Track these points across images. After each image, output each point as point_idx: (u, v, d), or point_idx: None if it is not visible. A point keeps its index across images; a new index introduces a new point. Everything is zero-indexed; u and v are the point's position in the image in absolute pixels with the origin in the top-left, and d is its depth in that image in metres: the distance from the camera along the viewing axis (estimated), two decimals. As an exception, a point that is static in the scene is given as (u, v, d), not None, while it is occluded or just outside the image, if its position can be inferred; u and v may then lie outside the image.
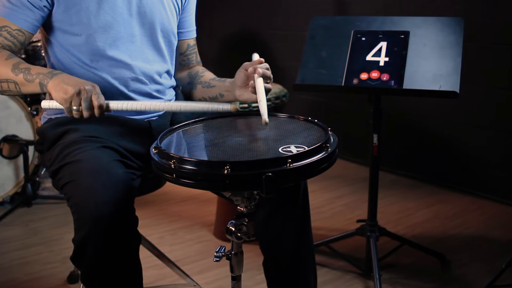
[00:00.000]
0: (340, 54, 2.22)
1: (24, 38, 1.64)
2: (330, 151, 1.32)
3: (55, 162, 1.57)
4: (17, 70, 1.54)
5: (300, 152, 1.26)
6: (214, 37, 5.00)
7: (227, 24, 4.86)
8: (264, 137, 1.45)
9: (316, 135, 1.42)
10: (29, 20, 1.62)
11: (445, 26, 2.15)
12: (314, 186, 3.49)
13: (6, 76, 1.55)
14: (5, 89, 1.57)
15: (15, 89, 1.56)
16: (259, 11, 4.50)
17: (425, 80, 2.08)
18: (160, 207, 3.21)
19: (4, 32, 1.60)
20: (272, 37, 4.43)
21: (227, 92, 1.79)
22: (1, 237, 2.80)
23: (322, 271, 2.44)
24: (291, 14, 4.23)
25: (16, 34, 1.61)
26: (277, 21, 4.38)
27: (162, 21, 1.78)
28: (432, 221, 2.96)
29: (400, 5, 3.51)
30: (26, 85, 1.54)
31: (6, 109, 3.07)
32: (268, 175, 1.21)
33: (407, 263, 2.49)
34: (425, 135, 3.57)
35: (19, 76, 1.54)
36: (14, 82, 1.55)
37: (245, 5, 4.63)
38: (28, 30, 1.63)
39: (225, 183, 1.23)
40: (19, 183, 3.16)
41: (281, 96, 2.60)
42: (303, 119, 1.53)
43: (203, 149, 1.42)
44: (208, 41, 5.09)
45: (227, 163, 1.21)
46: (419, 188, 3.46)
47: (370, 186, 2.36)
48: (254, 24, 4.60)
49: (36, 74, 1.52)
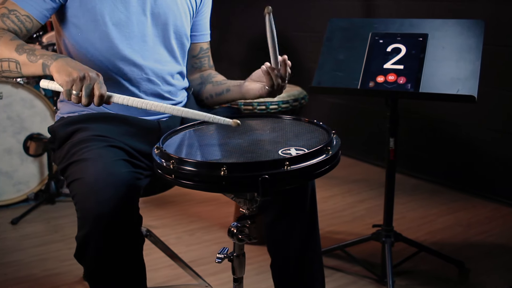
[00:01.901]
0: (357, 56, 2.20)
1: (32, 25, 1.62)
2: (331, 154, 1.30)
3: (63, 160, 1.59)
4: (21, 50, 1.51)
5: (298, 154, 1.25)
6: (243, 39, 5.01)
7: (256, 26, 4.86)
8: (266, 139, 1.44)
9: (319, 137, 1.41)
10: (39, 9, 1.61)
11: (464, 29, 2.11)
12: (336, 190, 3.47)
13: (8, 55, 1.51)
14: (4, 69, 1.53)
15: (15, 69, 1.52)
16: (288, 14, 4.49)
17: (443, 83, 2.03)
18: (180, 207, 3.23)
19: (12, 15, 1.59)
20: (300, 39, 4.42)
21: (234, 87, 1.80)
22: (24, 233, 2.86)
23: (337, 275, 2.42)
24: (319, 17, 4.21)
25: (24, 19, 1.60)
26: (305, 23, 4.37)
27: (176, 22, 1.79)
28: (453, 228, 2.90)
29: (428, 8, 3.46)
30: (28, 65, 1.50)
31: (31, 108, 3.14)
32: (264, 177, 1.20)
33: (425, 270, 2.44)
34: (450, 140, 3.50)
35: (22, 55, 1.50)
36: (15, 62, 1.51)
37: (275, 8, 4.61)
38: (37, 18, 1.62)
39: (221, 184, 1.23)
40: (43, 181, 3.22)
41: (299, 99, 2.58)
42: (308, 121, 1.52)
43: (204, 150, 1.42)
44: (237, 43, 5.11)
45: (224, 165, 1.21)
46: (442, 194, 3.39)
47: (386, 190, 2.32)
48: (282, 26, 4.59)
49: (40, 55, 1.49)
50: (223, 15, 5.25)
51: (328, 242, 2.70)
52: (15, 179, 3.15)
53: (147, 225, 2.95)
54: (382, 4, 3.74)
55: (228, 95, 1.84)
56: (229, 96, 1.85)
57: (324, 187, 3.49)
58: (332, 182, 3.60)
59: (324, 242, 2.72)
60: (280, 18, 4.65)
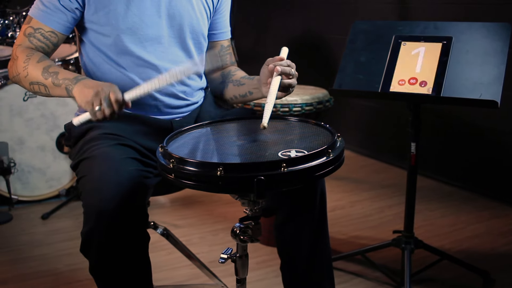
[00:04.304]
0: (379, 59, 2.16)
1: (57, 40, 1.71)
2: (332, 157, 1.29)
3: (75, 157, 1.63)
4: (47, 74, 1.59)
5: (296, 156, 1.24)
6: (279, 40, 5.01)
7: (292, 27, 4.86)
8: (268, 141, 1.43)
9: (323, 140, 1.39)
10: (62, 22, 1.69)
11: (490, 32, 2.05)
12: (366, 194, 3.43)
13: (37, 79, 1.61)
14: (36, 90, 1.64)
15: (45, 91, 1.62)
16: (325, 15, 4.47)
17: (465, 88, 1.98)
18: (207, 207, 3.25)
19: (37, 34, 1.68)
20: (332, 41, 4.39)
21: (255, 89, 1.80)
22: (52, 228, 2.93)
23: (356, 280, 2.38)
24: (353, 19, 4.16)
25: (49, 36, 1.69)
26: (338, 25, 4.33)
27: (191, 22, 1.80)
28: (482, 237, 2.82)
29: (462, 11, 3.38)
30: (54, 89, 1.59)
31: (65, 106, 3.21)
32: (260, 179, 1.20)
33: (447, 278, 2.38)
34: (484, 146, 3.41)
35: (48, 80, 1.59)
36: (44, 85, 1.61)
37: (312, 9, 4.61)
38: (61, 32, 1.70)
39: (218, 184, 1.23)
40: (74, 178, 3.29)
41: (324, 101, 2.56)
42: (314, 123, 1.50)
43: (206, 150, 1.42)
44: (273, 44, 5.10)
45: (220, 165, 1.22)
46: (474, 201, 3.30)
47: (407, 196, 2.28)
48: (319, 27, 4.58)
49: (62, 79, 1.57)
50: (260, 16, 5.27)
51: (352, 246, 2.68)
52: (48, 175, 3.24)
53: (172, 224, 2.99)
54: (415, 6, 3.67)
55: (251, 97, 1.85)
56: (253, 97, 1.85)
57: (354, 192, 3.46)
58: (363, 187, 3.56)
59: (348, 247, 2.70)
60: (313, 20, 4.65)
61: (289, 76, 1.60)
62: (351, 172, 3.87)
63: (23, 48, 1.66)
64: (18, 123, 3.13)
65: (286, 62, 1.60)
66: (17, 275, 2.44)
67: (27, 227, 2.94)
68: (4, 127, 3.10)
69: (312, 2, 4.59)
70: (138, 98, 1.54)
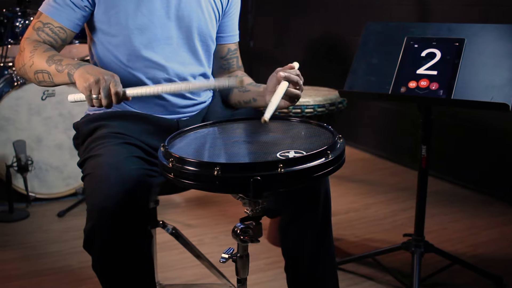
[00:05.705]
0: (390, 61, 2.15)
1: (66, 36, 1.73)
2: (331, 158, 1.28)
3: (82, 155, 1.66)
4: (51, 61, 1.60)
5: (294, 157, 1.24)
6: (300, 43, 5.00)
7: (313, 30, 4.85)
8: (269, 141, 1.43)
9: (323, 141, 1.39)
10: (71, 19, 1.71)
11: (504, 34, 2.02)
12: (381, 197, 3.40)
13: (41, 67, 1.62)
14: (40, 79, 1.65)
15: (48, 79, 1.63)
16: (345, 18, 4.45)
17: (476, 90, 1.95)
18: (221, 207, 3.26)
19: (46, 28, 1.70)
20: (354, 43, 4.36)
21: (260, 97, 1.81)
22: (68, 226, 2.97)
23: (366, 284, 2.37)
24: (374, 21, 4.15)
25: (57, 31, 1.71)
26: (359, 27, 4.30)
27: (200, 25, 1.81)
28: (497, 242, 2.77)
29: (482, 12, 3.33)
30: (57, 75, 1.60)
31: (82, 105, 3.24)
32: (256, 179, 1.20)
33: (458, 283, 2.35)
34: (502, 149, 3.36)
35: (51, 66, 1.60)
36: (47, 73, 1.61)
37: (333, 11, 4.60)
38: (70, 28, 1.72)
39: (215, 184, 1.23)
40: (91, 176, 3.33)
41: (336, 103, 2.55)
42: (315, 124, 1.50)
43: (205, 150, 1.43)
44: (294, 47, 5.10)
45: (218, 165, 1.22)
46: (490, 206, 3.25)
47: (418, 199, 2.25)
48: (336, 30, 4.56)
49: (66, 65, 1.58)
50: (280, 19, 5.27)
51: (364, 249, 2.66)
52: (65, 173, 3.28)
53: (186, 224, 3.01)
54: (436, 8, 3.64)
55: (255, 104, 1.86)
56: (256, 104, 1.86)
57: (369, 194, 3.43)
58: (378, 189, 3.54)
59: (360, 249, 2.69)
60: (334, 21, 4.63)
61: (296, 86, 1.61)
62: (367, 174, 3.85)
63: (31, 41, 1.69)
64: (36, 122, 3.18)
65: (296, 71, 1.62)
66: (31, 271, 2.48)
67: (43, 224, 2.99)
68: (22, 126, 3.16)
69: (331, 4, 4.58)
70: (140, 96, 1.55)
